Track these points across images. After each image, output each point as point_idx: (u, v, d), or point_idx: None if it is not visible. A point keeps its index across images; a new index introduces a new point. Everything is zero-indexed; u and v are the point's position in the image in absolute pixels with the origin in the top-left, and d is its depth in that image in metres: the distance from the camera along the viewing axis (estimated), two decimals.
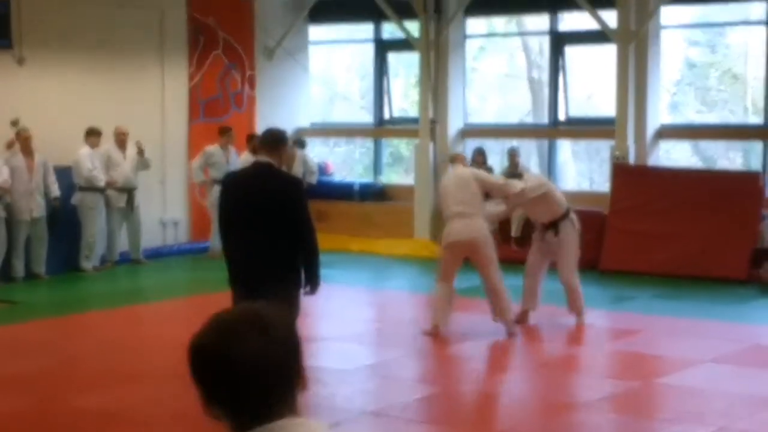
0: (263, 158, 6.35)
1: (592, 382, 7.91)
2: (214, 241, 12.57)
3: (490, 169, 13.94)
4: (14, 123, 12.43)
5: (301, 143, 14.90)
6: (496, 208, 9.31)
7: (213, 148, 13.82)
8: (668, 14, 13.26)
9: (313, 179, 13.64)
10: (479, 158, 13.96)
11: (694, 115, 14.52)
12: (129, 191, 13.17)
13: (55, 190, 12.40)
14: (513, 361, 8.60)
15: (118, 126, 13.12)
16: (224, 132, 13.88)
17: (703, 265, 12.00)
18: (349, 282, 12.78)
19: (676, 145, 14.32)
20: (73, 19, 13.21)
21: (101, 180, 12.76)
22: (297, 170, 13.26)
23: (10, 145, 12.30)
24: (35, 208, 12.23)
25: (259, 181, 6.26)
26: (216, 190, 12.58)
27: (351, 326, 10.16)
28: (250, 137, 13.30)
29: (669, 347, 8.87)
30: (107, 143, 13.01)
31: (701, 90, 14.82)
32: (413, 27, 14.66)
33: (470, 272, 9.40)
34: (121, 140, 13.11)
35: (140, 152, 13.10)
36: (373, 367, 8.32)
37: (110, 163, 12.99)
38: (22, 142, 12.14)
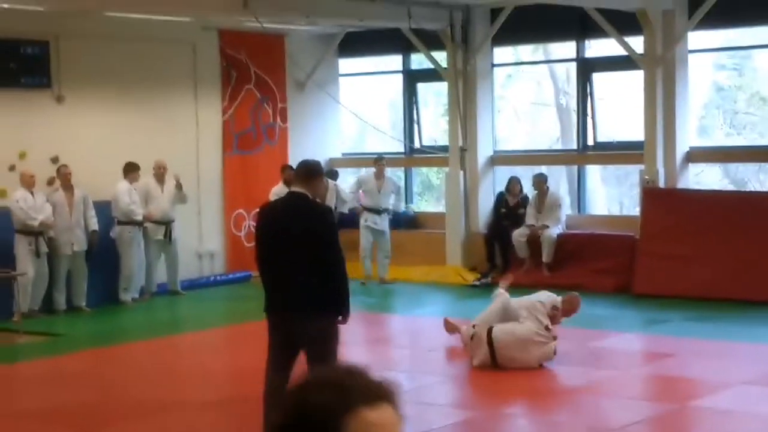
0: (298, 189, 6.46)
1: (627, 405, 7.97)
2: None
3: (525, 198, 14.08)
4: (54, 160, 12.76)
5: (332, 174, 15.08)
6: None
7: (366, 175, 14.33)
8: (695, 39, 13.36)
9: (345, 208, 13.83)
10: (516, 188, 14.10)
11: (723, 137, 14.57)
12: (167, 224, 13.40)
13: (94, 224, 12.66)
14: (547, 385, 8.67)
15: (157, 160, 13.39)
16: (378, 160, 14.52)
17: (735, 288, 11.99)
18: (382, 309, 12.91)
19: (706, 168, 14.37)
20: (108, 57, 13.52)
21: (139, 214, 13.02)
22: (330, 200, 13.45)
23: (50, 182, 12.61)
24: (76, 242, 12.49)
25: (292, 212, 6.36)
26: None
27: (385, 353, 10.28)
28: (284, 168, 13.54)
29: (703, 370, 8.90)
30: (146, 177, 13.28)
31: (729, 113, 14.89)
32: (441, 57, 14.85)
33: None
34: (159, 174, 13.38)
35: (178, 186, 13.36)
36: (409, 393, 8.42)
37: (148, 196, 13.25)
38: (62, 178, 12.44)
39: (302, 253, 6.24)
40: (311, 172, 6.44)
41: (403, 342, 11.03)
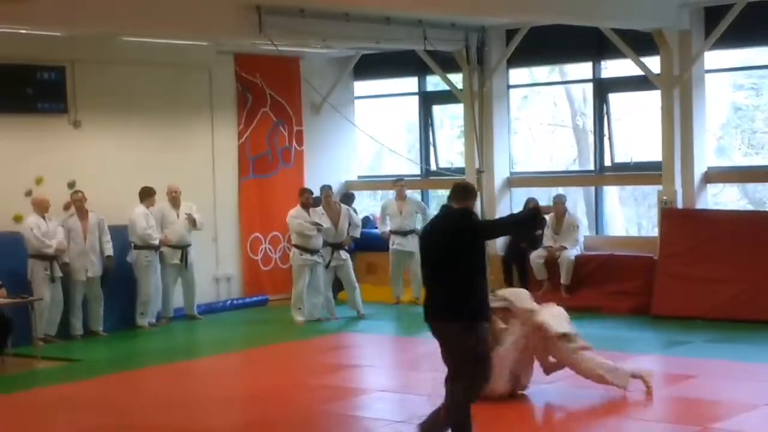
0: (452, 204, 6.88)
1: (648, 427, 7.90)
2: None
3: (542, 220, 14.02)
4: (71, 185, 12.79)
5: (348, 197, 15.08)
6: None
7: (388, 200, 14.68)
8: (711, 58, 13.32)
9: (358, 233, 13.81)
10: None
11: (741, 157, 14.50)
12: (183, 248, 13.41)
13: (109, 249, 12.66)
14: (567, 409, 8.59)
15: (170, 184, 13.42)
16: (397, 182, 14.72)
17: (756, 308, 11.91)
18: (399, 332, 12.86)
19: (724, 189, 14.29)
20: (125, 82, 13.58)
21: (155, 238, 13.03)
22: (342, 224, 13.43)
23: (66, 207, 12.64)
24: (90, 267, 12.49)
25: (440, 223, 6.85)
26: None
27: (402, 377, 10.23)
28: (302, 192, 13.53)
29: (724, 392, 8.83)
30: (161, 201, 13.30)
31: (747, 132, 14.82)
32: (457, 79, 14.86)
33: None
34: (173, 198, 13.40)
35: (191, 220, 13.35)
36: (425, 417, 8.35)
37: (164, 221, 13.27)
38: (76, 204, 12.47)
39: (446, 260, 6.60)
40: (465, 193, 6.90)
41: (421, 365, 10.95)
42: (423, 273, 6.95)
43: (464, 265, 6.58)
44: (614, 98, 14.26)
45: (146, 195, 13.08)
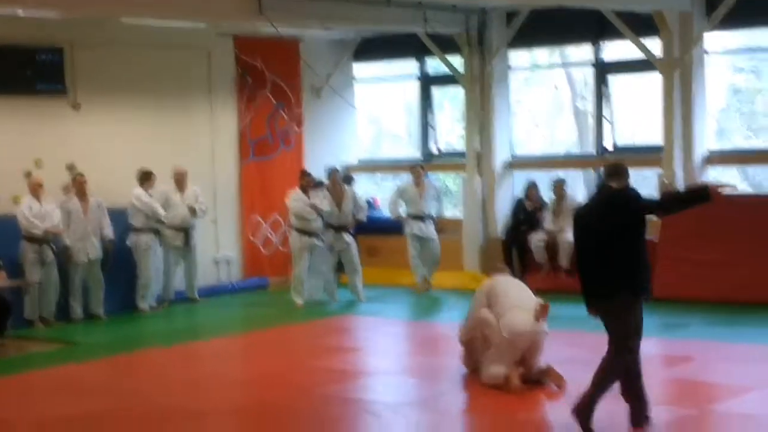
0: (609, 183, 7.10)
1: None
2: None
3: (544, 204, 14.00)
4: (70, 168, 12.78)
5: (348, 180, 15.06)
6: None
7: (405, 184, 14.37)
8: (712, 41, 13.28)
9: (363, 215, 13.79)
10: (533, 193, 14.02)
11: (741, 140, 14.48)
12: (186, 230, 13.40)
13: (110, 233, 12.65)
14: (566, 391, 8.59)
15: (176, 166, 13.38)
16: (414, 167, 14.36)
17: (755, 291, 11.92)
18: (399, 316, 12.86)
19: (724, 171, 14.27)
20: (124, 64, 13.55)
21: (161, 211, 12.96)
22: (347, 207, 13.43)
23: (66, 190, 12.62)
24: (91, 250, 12.48)
25: (607, 203, 7.03)
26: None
27: (402, 360, 10.25)
28: (302, 175, 13.51)
29: (724, 374, 8.85)
30: (164, 184, 13.26)
31: (747, 115, 14.79)
32: (457, 62, 14.82)
33: None
34: (179, 180, 13.36)
35: (192, 212, 13.30)
36: (425, 400, 8.39)
37: (168, 203, 13.22)
38: (77, 186, 12.45)
39: (620, 239, 6.84)
40: (618, 171, 7.11)
41: (419, 348, 10.98)
42: (585, 254, 7.03)
43: (639, 242, 6.91)
44: (614, 80, 14.22)
45: (145, 178, 13.05)
